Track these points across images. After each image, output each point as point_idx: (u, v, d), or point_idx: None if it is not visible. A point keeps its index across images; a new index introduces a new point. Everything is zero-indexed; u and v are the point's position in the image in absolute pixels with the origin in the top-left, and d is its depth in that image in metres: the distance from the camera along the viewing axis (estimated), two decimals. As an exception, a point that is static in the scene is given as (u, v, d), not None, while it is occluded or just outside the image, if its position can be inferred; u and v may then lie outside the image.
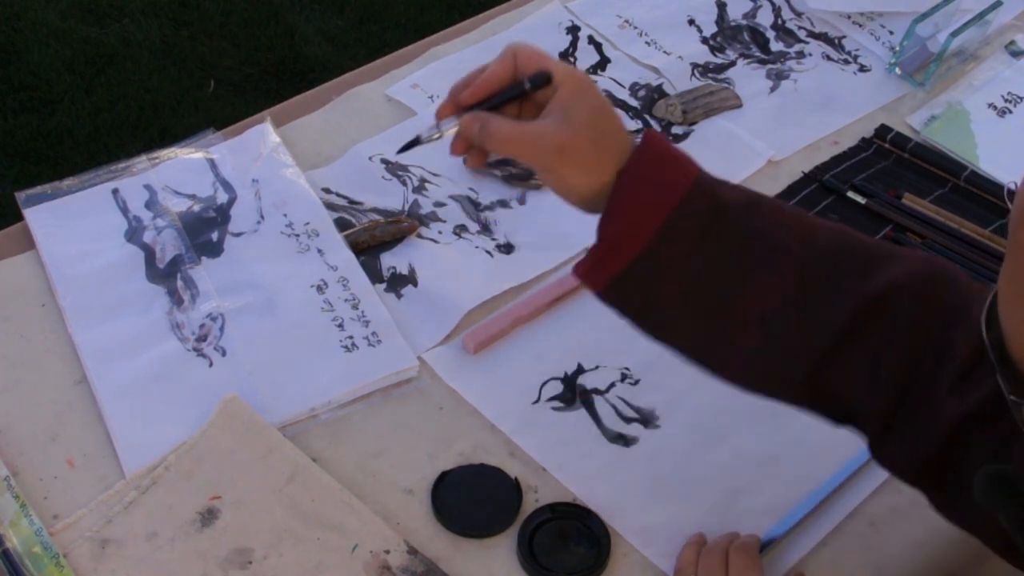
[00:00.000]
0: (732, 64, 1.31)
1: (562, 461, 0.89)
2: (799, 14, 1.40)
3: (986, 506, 0.57)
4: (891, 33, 1.38)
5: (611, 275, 0.71)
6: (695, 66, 1.30)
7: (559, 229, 1.08)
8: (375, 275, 1.02)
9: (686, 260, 0.69)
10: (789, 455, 0.90)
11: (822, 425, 0.92)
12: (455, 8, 2.72)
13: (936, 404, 0.65)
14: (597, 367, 0.96)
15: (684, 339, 0.73)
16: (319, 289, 1.00)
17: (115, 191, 1.08)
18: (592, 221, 1.10)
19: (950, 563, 0.86)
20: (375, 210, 1.09)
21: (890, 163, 1.19)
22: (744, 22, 1.38)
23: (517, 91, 0.73)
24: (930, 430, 0.66)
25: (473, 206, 1.10)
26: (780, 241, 0.69)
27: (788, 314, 0.68)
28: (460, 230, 1.07)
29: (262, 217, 1.06)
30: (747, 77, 1.29)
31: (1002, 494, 0.57)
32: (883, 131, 1.22)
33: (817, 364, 0.68)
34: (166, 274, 1.00)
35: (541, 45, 1.30)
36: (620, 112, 1.22)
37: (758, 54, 1.33)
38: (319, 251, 1.03)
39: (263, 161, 1.11)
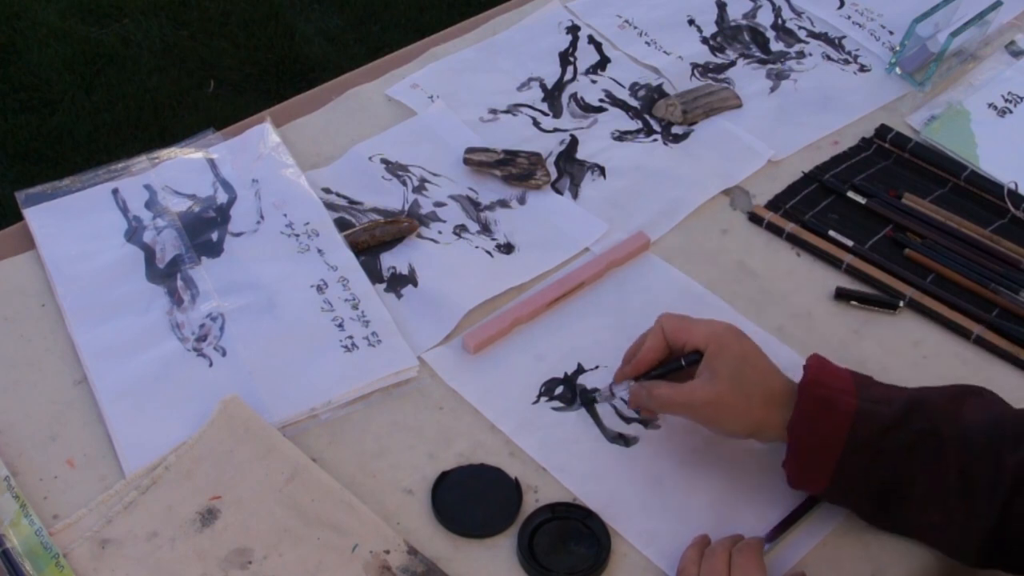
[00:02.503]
0: (732, 64, 1.31)
1: (562, 461, 0.89)
2: (799, 14, 1.40)
3: None
4: (891, 33, 1.38)
5: (813, 493, 0.86)
6: (695, 66, 1.30)
7: (559, 229, 1.08)
8: (375, 275, 1.02)
9: (862, 485, 0.81)
10: (789, 455, 0.90)
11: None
12: (455, 8, 2.72)
13: None
14: (597, 367, 0.96)
15: (879, 524, 0.85)
16: (319, 289, 1.00)
17: (115, 191, 1.08)
18: (592, 224, 1.10)
19: (950, 563, 0.86)
20: (375, 210, 1.09)
21: (890, 163, 1.19)
22: (744, 22, 1.38)
23: (674, 367, 0.86)
24: None
25: (473, 206, 1.10)
26: (938, 436, 0.79)
27: (955, 499, 0.79)
28: (460, 230, 1.07)
29: (262, 217, 1.06)
30: (747, 77, 1.29)
31: None
32: (883, 131, 1.22)
33: (989, 532, 0.79)
34: (166, 274, 1.00)
35: (541, 45, 1.32)
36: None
37: (758, 54, 1.33)
38: (319, 251, 1.03)
39: (263, 161, 1.11)
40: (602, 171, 1.15)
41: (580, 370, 0.96)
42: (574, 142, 1.18)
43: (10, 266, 1.00)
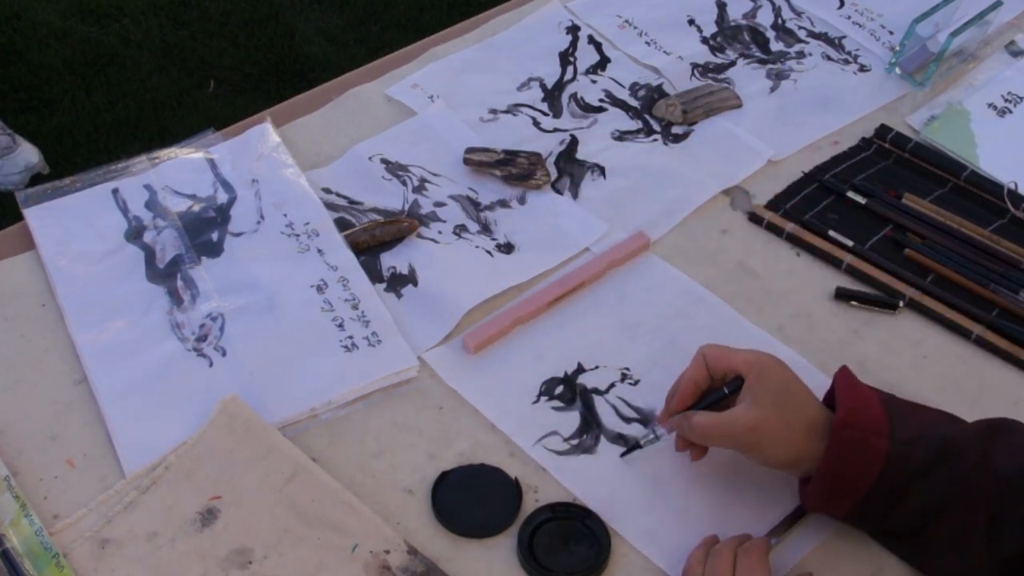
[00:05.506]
0: (732, 64, 1.31)
1: (562, 461, 0.89)
2: (799, 14, 1.40)
3: None
4: (891, 33, 1.38)
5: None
6: (695, 66, 1.30)
7: (559, 229, 1.08)
8: (375, 275, 1.02)
9: (883, 521, 0.81)
10: (789, 455, 0.90)
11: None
12: (455, 8, 2.72)
13: None
14: (597, 367, 0.96)
15: (892, 550, 0.85)
16: (319, 289, 1.00)
17: (115, 191, 1.08)
18: (592, 224, 1.10)
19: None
20: (375, 210, 1.09)
21: (890, 163, 1.19)
22: (744, 22, 1.38)
23: (718, 397, 0.85)
24: None
25: (473, 206, 1.10)
26: (970, 486, 0.79)
27: (980, 543, 0.78)
28: (460, 230, 1.07)
29: (262, 217, 1.06)
30: (747, 77, 1.29)
31: None
32: (883, 131, 1.22)
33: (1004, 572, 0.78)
34: (166, 274, 1.00)
35: (541, 45, 1.32)
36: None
37: (758, 54, 1.33)
38: (319, 251, 1.03)
39: (263, 161, 1.11)
40: (602, 171, 1.15)
41: (580, 370, 0.96)
42: (574, 142, 1.18)
43: (10, 266, 1.00)
